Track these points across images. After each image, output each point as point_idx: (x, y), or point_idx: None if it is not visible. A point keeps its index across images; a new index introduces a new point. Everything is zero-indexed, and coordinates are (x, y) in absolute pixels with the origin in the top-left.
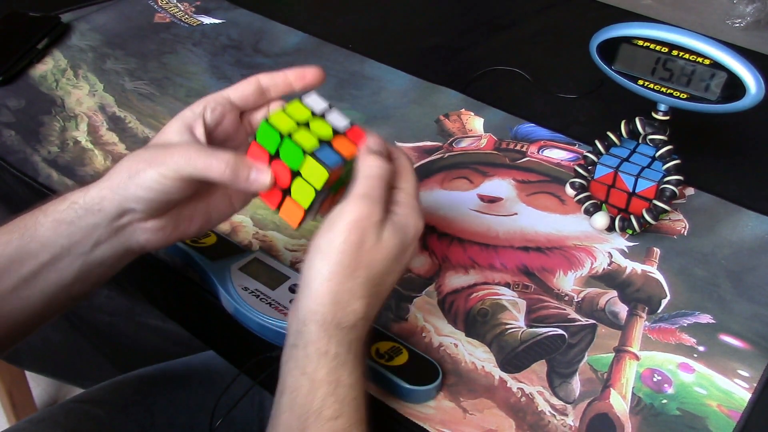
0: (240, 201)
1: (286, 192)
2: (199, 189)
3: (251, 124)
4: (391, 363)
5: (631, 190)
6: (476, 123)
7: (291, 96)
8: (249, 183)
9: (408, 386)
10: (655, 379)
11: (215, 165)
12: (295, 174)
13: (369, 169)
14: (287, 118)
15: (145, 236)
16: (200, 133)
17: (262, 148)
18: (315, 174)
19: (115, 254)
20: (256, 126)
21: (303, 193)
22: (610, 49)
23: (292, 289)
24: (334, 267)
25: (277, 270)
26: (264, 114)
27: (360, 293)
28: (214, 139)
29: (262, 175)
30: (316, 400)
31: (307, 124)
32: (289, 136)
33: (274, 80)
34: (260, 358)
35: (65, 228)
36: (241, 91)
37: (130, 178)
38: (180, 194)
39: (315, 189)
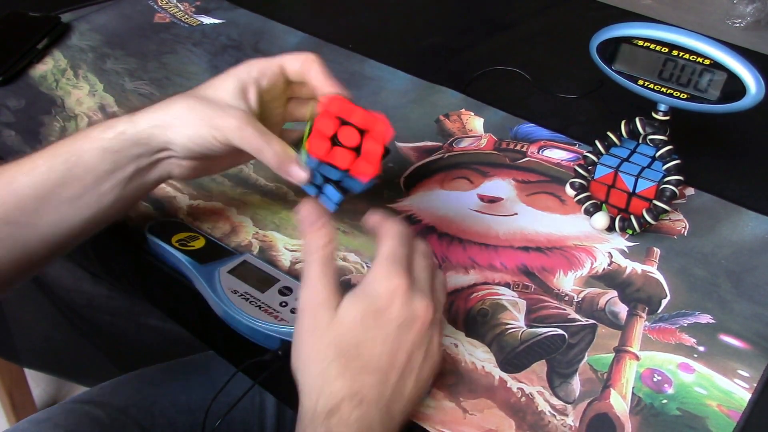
0: None
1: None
2: None
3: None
4: None
5: (631, 190)
6: (476, 123)
7: None
8: (289, 175)
9: None
10: (655, 379)
11: (266, 152)
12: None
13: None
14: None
15: (178, 170)
16: (253, 100)
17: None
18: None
19: (150, 181)
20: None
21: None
22: (610, 49)
23: (282, 292)
24: (300, 357)
25: (267, 273)
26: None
27: (334, 373)
28: (261, 104)
29: (301, 174)
30: None
31: None
32: None
33: (317, 81)
34: (254, 362)
35: (111, 155)
36: (294, 65)
37: (183, 126)
38: (222, 153)
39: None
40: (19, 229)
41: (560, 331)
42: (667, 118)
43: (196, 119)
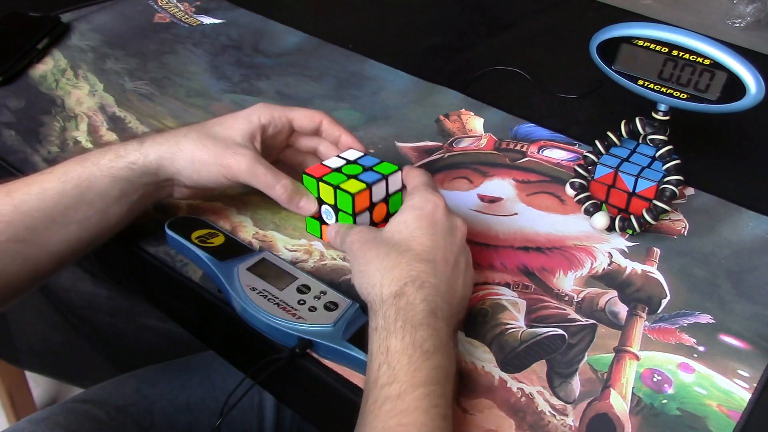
0: None
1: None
2: None
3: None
4: None
5: (631, 190)
6: (476, 123)
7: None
8: (299, 209)
9: None
10: (655, 379)
11: (277, 189)
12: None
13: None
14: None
15: (179, 193)
16: (258, 143)
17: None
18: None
19: (152, 201)
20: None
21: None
22: (610, 49)
23: (300, 290)
24: (359, 268)
25: (285, 271)
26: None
27: (391, 264)
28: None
29: (310, 204)
30: (373, 371)
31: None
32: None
33: (332, 131)
34: (264, 362)
35: (120, 183)
36: (303, 122)
37: (191, 162)
38: (225, 186)
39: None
40: (28, 247)
41: (560, 331)
42: (667, 118)
43: (205, 156)
